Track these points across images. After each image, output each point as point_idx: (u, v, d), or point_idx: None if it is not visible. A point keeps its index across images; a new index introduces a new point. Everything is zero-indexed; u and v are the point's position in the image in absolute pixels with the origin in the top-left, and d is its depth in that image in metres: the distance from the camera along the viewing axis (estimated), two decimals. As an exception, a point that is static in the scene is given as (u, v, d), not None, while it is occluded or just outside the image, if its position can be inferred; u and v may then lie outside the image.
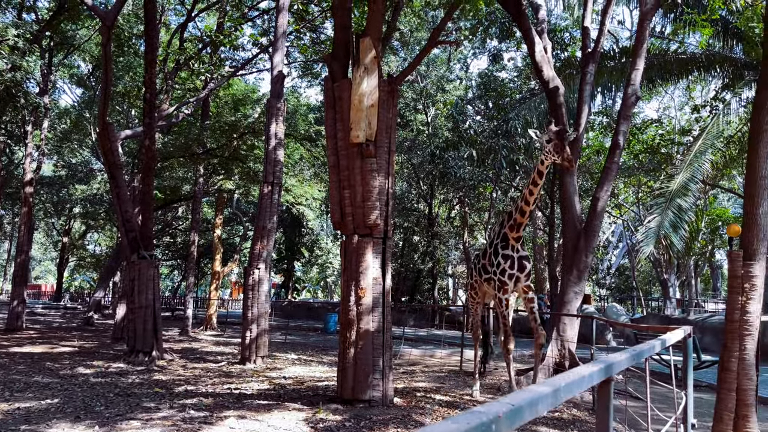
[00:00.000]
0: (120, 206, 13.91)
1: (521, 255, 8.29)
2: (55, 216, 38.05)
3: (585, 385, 1.40)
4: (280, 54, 14.39)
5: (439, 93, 27.73)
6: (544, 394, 1.06)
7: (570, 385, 1.22)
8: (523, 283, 8.28)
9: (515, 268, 8.26)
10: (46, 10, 21.97)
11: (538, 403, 1.03)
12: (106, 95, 13.89)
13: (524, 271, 8.28)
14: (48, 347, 15.93)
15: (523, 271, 8.27)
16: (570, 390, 1.24)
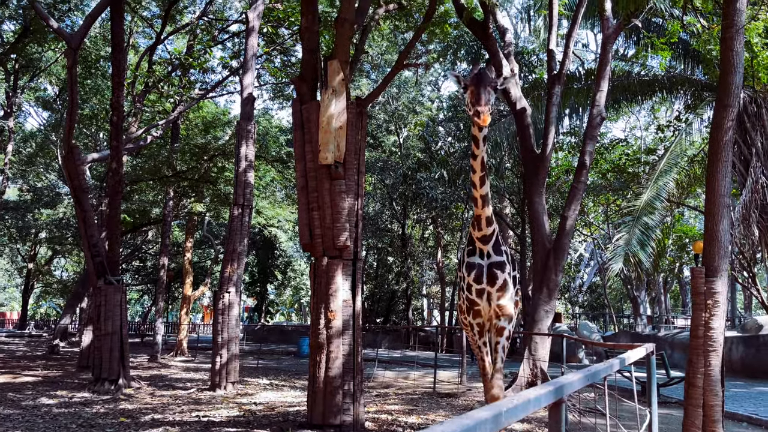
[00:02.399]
0: (86, 230, 13.62)
1: (492, 262, 5.72)
2: (19, 241, 37.07)
3: (531, 409, 1.38)
4: (250, 76, 14.38)
5: (410, 114, 27.97)
6: (483, 420, 1.02)
7: (514, 410, 1.20)
8: (495, 302, 5.76)
9: (483, 280, 5.70)
10: (11, 32, 21.66)
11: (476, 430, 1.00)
12: (72, 118, 13.68)
13: (495, 283, 5.69)
14: (10, 377, 15.39)
15: (494, 283, 5.69)
16: (514, 414, 1.22)
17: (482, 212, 5.55)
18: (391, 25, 14.47)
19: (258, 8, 14.67)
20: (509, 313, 5.82)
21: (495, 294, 5.76)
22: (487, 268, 5.71)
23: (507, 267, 5.75)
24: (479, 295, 5.85)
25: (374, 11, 10.09)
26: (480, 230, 5.65)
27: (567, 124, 22.65)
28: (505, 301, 5.77)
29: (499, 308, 5.78)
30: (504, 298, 5.76)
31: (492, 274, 5.73)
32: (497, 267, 5.74)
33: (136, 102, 19.46)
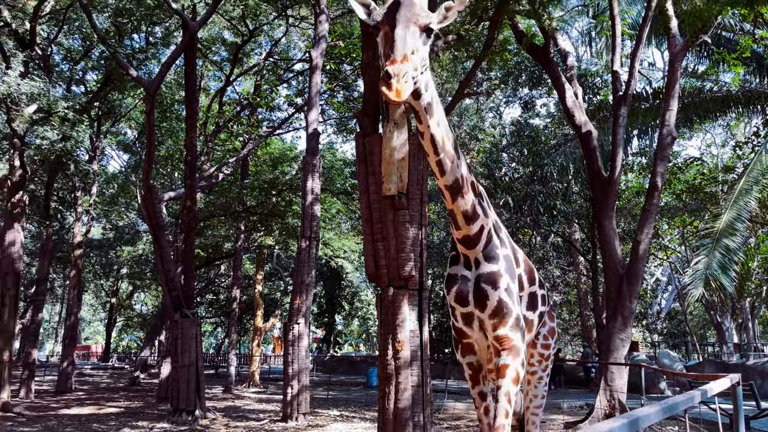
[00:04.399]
0: (163, 266, 14.25)
1: (482, 273, 4.05)
2: (103, 277, 39.12)
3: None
4: (314, 112, 14.82)
5: (472, 142, 27.91)
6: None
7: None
8: (492, 332, 4.04)
9: (469, 300, 4.07)
10: (94, 81, 23.25)
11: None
12: (149, 159, 14.47)
13: (486, 305, 4.01)
14: (95, 408, 16.13)
15: (484, 305, 4.02)
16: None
17: (454, 206, 3.86)
18: (450, 55, 14.60)
19: (321, 47, 15.16)
20: (514, 348, 3.98)
21: (488, 322, 4.03)
22: (474, 284, 4.04)
23: (505, 279, 4.02)
24: (467, 322, 4.17)
25: (433, 43, 10.22)
26: (458, 229, 3.97)
27: (636, 145, 22.02)
28: (505, 331, 3.98)
29: (498, 341, 4.01)
30: (503, 326, 3.98)
31: (480, 291, 3.99)
32: (488, 281, 3.99)
33: (208, 142, 20.38)
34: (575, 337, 39.24)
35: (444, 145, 3.65)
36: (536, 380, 5.38)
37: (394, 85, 2.90)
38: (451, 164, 3.74)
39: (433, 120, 3.55)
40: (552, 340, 5.45)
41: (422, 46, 3.18)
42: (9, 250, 15.77)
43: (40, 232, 27.90)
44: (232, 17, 19.71)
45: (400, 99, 2.92)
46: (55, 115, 14.83)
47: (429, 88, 3.45)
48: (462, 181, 3.82)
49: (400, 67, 2.93)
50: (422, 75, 3.28)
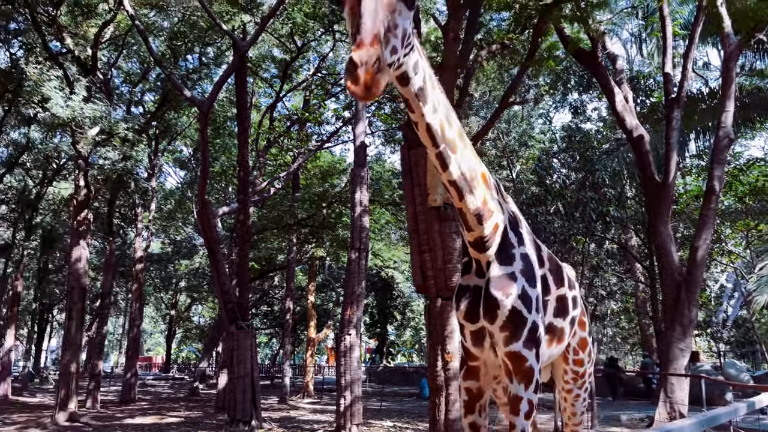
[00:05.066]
0: (218, 279, 14.66)
1: (492, 277, 3.45)
2: (163, 290, 40.47)
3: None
4: (361, 125, 15.02)
5: (522, 148, 27.59)
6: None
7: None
8: (503, 347, 3.43)
9: (478, 314, 3.48)
10: (152, 102, 24.24)
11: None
12: (204, 176, 14.96)
13: (496, 315, 3.41)
14: (157, 418, 16.68)
15: (494, 315, 3.41)
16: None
17: (462, 205, 3.31)
18: (495, 65, 14.55)
19: (366, 60, 15.37)
20: (527, 373, 3.34)
21: (499, 334, 3.36)
22: (485, 291, 3.40)
23: (519, 283, 3.37)
24: (476, 342, 3.55)
25: (477, 53, 10.26)
26: (469, 230, 3.39)
27: (693, 147, 21.30)
28: (517, 347, 3.32)
29: (510, 360, 3.36)
30: (516, 340, 3.32)
31: (489, 299, 3.36)
32: (499, 286, 3.37)
33: (259, 157, 20.91)
34: (635, 346, 38.03)
35: (444, 134, 3.08)
36: (573, 398, 4.92)
37: (361, 76, 2.28)
38: (455, 155, 3.16)
39: (428, 107, 2.99)
40: (584, 353, 4.79)
41: (402, 20, 2.57)
42: (75, 266, 16.57)
43: (103, 248, 29.18)
44: (281, 35, 20.20)
45: (371, 94, 2.32)
46: (116, 136, 15.54)
47: (419, 69, 2.89)
48: (470, 175, 3.24)
49: (369, 52, 2.30)
50: (408, 56, 2.75)
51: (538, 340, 3.45)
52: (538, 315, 3.46)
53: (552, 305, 3.94)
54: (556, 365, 4.95)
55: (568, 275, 4.36)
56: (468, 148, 3.27)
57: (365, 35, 2.35)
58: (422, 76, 2.92)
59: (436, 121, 3.05)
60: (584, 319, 4.94)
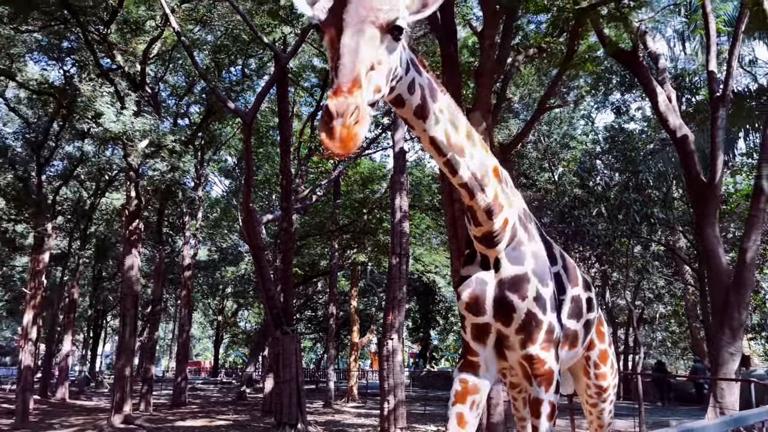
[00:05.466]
0: (263, 285, 15.02)
1: (506, 279, 3.31)
2: (210, 296, 41.48)
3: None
4: (400, 132, 15.17)
5: (564, 150, 27.27)
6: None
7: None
8: (519, 351, 3.34)
9: (484, 309, 3.33)
10: (197, 114, 24.99)
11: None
12: (248, 185, 15.38)
13: (512, 318, 3.30)
14: (207, 421, 17.16)
15: (509, 318, 3.30)
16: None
17: (473, 203, 3.19)
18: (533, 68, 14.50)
19: (404, 67, 15.55)
20: (546, 375, 3.28)
21: (514, 338, 3.28)
22: (495, 291, 3.27)
23: (533, 284, 3.25)
24: (478, 337, 3.38)
25: (514, 57, 10.29)
26: (478, 225, 3.26)
27: (743, 145, 20.69)
28: (535, 350, 3.26)
29: (528, 362, 3.30)
30: (532, 343, 3.26)
31: (504, 302, 3.24)
32: (513, 287, 3.24)
33: (301, 165, 21.32)
34: (686, 351, 36.97)
35: (449, 141, 2.98)
36: (598, 412, 4.78)
37: (337, 129, 2.09)
38: (464, 159, 3.06)
39: (429, 121, 2.87)
40: (606, 366, 4.57)
41: (387, 55, 2.38)
42: (128, 274, 17.23)
43: (153, 256, 30.17)
44: (321, 45, 20.58)
45: (347, 149, 2.14)
46: (164, 148, 16.12)
47: (415, 89, 2.76)
48: (481, 173, 3.13)
49: (347, 101, 2.11)
50: (400, 81, 2.63)
51: (556, 341, 3.35)
52: (553, 314, 3.32)
53: (567, 305, 3.71)
54: (578, 378, 4.75)
55: (583, 276, 4.11)
56: (477, 146, 3.14)
57: (343, 80, 2.16)
58: (419, 93, 2.77)
59: (440, 132, 2.94)
60: (603, 329, 4.67)
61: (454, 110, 3.03)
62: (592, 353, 4.53)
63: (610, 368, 4.64)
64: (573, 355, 3.98)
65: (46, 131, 20.64)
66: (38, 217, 19.68)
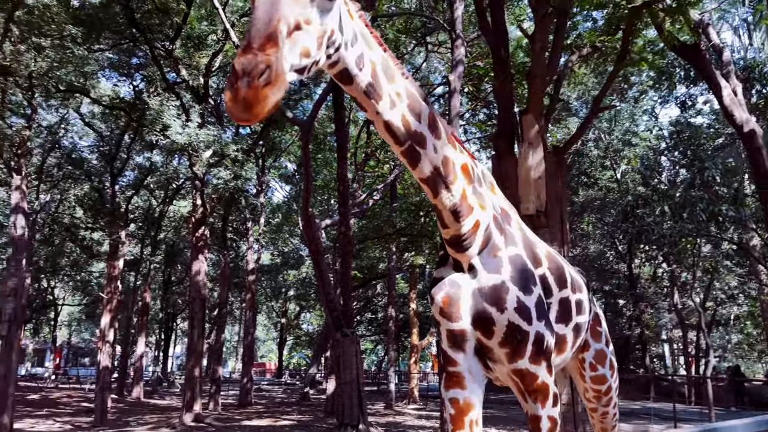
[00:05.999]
0: (323, 288, 15.38)
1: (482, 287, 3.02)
2: (273, 299, 42.58)
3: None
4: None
5: (626, 147, 26.54)
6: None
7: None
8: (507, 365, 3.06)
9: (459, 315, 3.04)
10: (258, 123, 25.81)
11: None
12: (307, 190, 15.79)
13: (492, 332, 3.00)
14: (272, 420, 17.69)
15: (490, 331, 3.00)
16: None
17: (437, 201, 2.93)
18: (588, 67, 14.25)
19: (458, 70, 15.51)
20: (540, 390, 3.02)
21: (498, 350, 3.01)
22: (473, 302, 3.00)
23: (513, 293, 2.96)
24: (455, 344, 3.10)
25: (568, 57, 10.19)
26: (444, 227, 3.02)
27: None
28: (523, 364, 2.98)
29: (519, 378, 3.03)
30: (520, 357, 2.97)
31: (482, 314, 2.97)
32: (491, 298, 2.96)
33: (358, 170, 21.66)
34: (762, 353, 35.21)
35: (408, 129, 2.70)
36: (600, 416, 4.55)
37: (242, 90, 1.86)
38: (424, 151, 2.76)
39: (383, 103, 2.61)
40: (604, 367, 4.27)
41: (319, 14, 2.17)
42: (195, 279, 17.98)
43: (219, 261, 31.27)
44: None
45: (252, 115, 1.90)
46: (227, 157, 16.77)
47: (364, 63, 2.51)
48: (446, 169, 2.84)
49: (256, 59, 1.88)
50: (347, 50, 2.40)
51: (546, 351, 3.04)
52: (540, 323, 3.02)
53: (554, 309, 3.45)
54: (576, 382, 4.54)
55: (573, 277, 3.79)
56: (443, 139, 2.85)
57: (254, 35, 1.93)
58: (370, 68, 2.53)
59: (396, 117, 2.67)
60: (600, 328, 4.40)
61: (414, 96, 2.75)
62: (586, 354, 4.25)
63: (609, 369, 4.33)
64: (561, 360, 3.69)
65: (119, 144, 21.84)
66: (113, 225, 20.81)
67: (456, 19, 15.37)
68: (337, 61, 2.39)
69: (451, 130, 2.96)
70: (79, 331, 57.95)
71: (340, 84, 2.56)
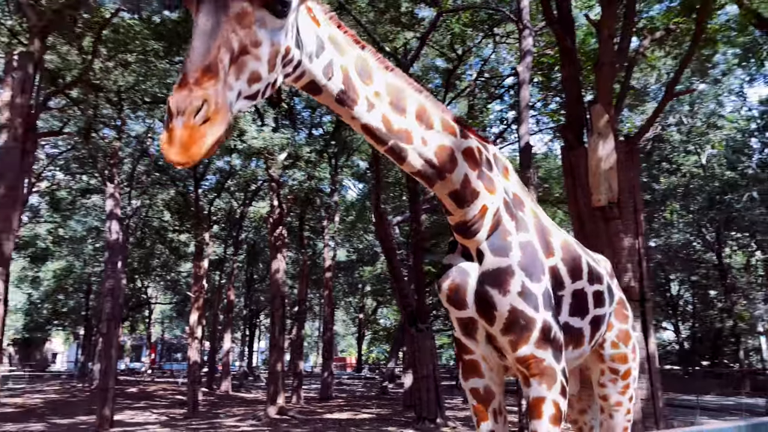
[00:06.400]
0: (397, 284, 15.62)
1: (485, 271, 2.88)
2: (350, 295, 43.39)
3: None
4: (524, 126, 15.03)
5: (711, 130, 25.18)
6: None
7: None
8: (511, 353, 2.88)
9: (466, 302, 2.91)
10: (330, 123, 26.38)
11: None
12: (377, 188, 16.09)
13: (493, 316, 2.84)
14: (352, 414, 18.14)
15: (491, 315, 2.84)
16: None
17: (435, 190, 2.86)
18: (663, 51, 13.65)
19: (526, 61, 15.32)
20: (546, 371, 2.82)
21: (502, 338, 2.85)
22: (476, 286, 2.87)
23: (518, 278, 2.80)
24: (467, 332, 3.02)
25: (640, 42, 9.84)
26: (449, 214, 2.95)
27: None
28: (529, 350, 2.80)
29: (522, 364, 2.85)
30: (524, 343, 2.80)
31: (484, 297, 2.83)
32: (493, 282, 2.82)
33: (429, 165, 21.74)
34: None
35: (390, 128, 2.57)
36: (612, 407, 3.93)
37: (177, 132, 1.70)
38: (411, 146, 2.64)
39: (359, 107, 2.48)
40: (627, 347, 3.92)
41: (268, 33, 1.98)
42: (275, 277, 18.69)
43: (298, 259, 32.25)
44: (442, 45, 20.85)
45: (189, 157, 1.71)
46: (301, 159, 17.31)
47: (334, 71, 2.37)
48: (442, 159, 2.72)
49: (192, 95, 1.72)
50: (311, 62, 2.27)
51: (555, 341, 2.86)
52: (548, 313, 2.84)
53: (567, 302, 3.22)
54: (593, 367, 4.04)
55: (591, 266, 3.51)
56: (435, 128, 2.71)
57: (190, 68, 1.77)
58: (340, 76, 2.39)
59: (375, 119, 2.53)
60: (626, 311, 4.11)
61: (398, 90, 2.60)
62: (608, 334, 3.90)
63: (632, 351, 3.95)
64: (578, 355, 3.47)
65: (200, 150, 22.92)
66: (198, 227, 21.92)
67: (522, 10, 15.18)
68: (301, 75, 2.27)
69: (451, 115, 2.84)
70: (171, 327, 61.30)
71: (309, 94, 2.44)
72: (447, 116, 2.80)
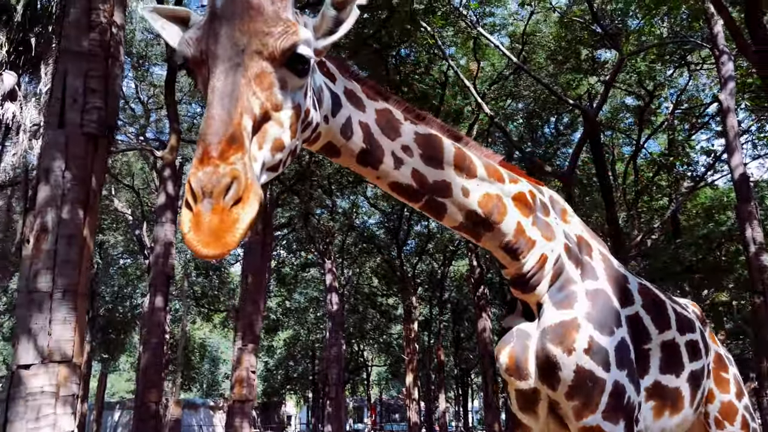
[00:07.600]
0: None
1: (546, 327, 2.49)
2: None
3: None
4: (737, 156, 13.82)
5: None
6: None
7: None
8: (575, 422, 2.41)
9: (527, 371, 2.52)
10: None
11: None
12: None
13: (557, 380, 2.41)
14: None
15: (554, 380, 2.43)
16: None
17: (482, 243, 2.57)
18: None
19: (728, 87, 14.23)
20: None
21: (566, 404, 2.42)
22: (537, 345, 2.50)
23: (585, 332, 2.41)
24: (526, 406, 2.60)
25: None
26: (503, 267, 2.67)
27: None
28: (595, 421, 2.36)
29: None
30: (591, 412, 2.37)
31: (546, 357, 2.44)
32: (556, 338, 2.43)
33: (630, 209, 20.68)
34: None
35: (424, 182, 2.33)
36: None
37: (205, 218, 1.46)
38: (450, 200, 2.39)
39: (385, 165, 2.25)
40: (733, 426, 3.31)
41: (290, 97, 1.76)
42: (482, 336, 18.94)
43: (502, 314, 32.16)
44: (629, 84, 20.12)
45: (224, 248, 1.45)
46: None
47: (353, 128, 2.16)
48: (486, 210, 2.44)
49: (219, 171, 1.48)
50: (328, 122, 2.06)
51: (628, 408, 2.42)
52: (622, 372, 2.44)
53: (656, 356, 2.77)
54: None
55: (678, 313, 3.06)
56: (477, 177, 2.45)
57: (211, 139, 1.51)
58: (361, 135, 2.17)
59: (404, 176, 2.29)
60: (726, 375, 3.45)
61: (432, 140, 2.36)
62: (710, 408, 3.34)
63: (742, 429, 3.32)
64: (679, 422, 2.96)
65: (400, 217, 24.56)
66: (404, 290, 23.23)
67: (717, 35, 14.23)
68: (317, 137, 2.07)
69: (497, 159, 2.63)
70: (388, 388, 63.81)
71: (327, 156, 2.22)
72: (492, 161, 2.58)
